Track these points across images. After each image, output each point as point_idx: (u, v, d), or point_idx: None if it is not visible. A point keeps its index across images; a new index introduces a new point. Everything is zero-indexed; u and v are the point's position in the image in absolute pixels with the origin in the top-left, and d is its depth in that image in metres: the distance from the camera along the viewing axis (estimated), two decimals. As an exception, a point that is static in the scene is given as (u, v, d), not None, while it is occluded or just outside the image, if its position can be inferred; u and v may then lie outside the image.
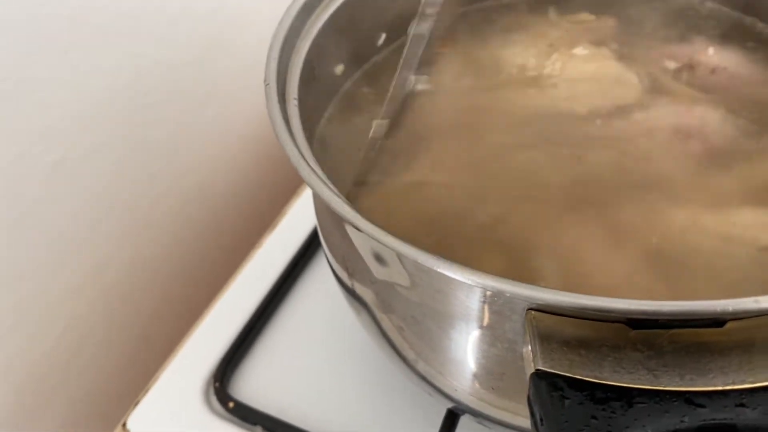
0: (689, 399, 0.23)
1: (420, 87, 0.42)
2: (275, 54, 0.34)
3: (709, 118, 0.39)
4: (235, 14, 0.57)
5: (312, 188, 0.28)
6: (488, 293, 0.27)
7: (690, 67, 0.42)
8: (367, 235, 0.27)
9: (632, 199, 0.35)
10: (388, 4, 0.43)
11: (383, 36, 0.44)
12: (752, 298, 0.23)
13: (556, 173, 0.37)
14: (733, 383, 0.23)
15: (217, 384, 0.44)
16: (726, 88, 0.41)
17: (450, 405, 0.36)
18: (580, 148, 0.38)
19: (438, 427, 0.38)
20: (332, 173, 0.38)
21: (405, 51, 0.42)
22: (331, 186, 0.29)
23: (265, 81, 0.33)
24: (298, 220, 0.50)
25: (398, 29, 0.44)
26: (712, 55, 0.42)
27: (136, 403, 0.44)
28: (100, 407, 0.54)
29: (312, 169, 0.29)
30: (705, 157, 0.37)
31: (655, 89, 0.41)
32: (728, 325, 0.25)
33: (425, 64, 0.43)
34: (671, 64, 0.42)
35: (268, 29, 0.37)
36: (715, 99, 0.40)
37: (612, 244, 0.34)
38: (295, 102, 0.34)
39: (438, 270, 0.25)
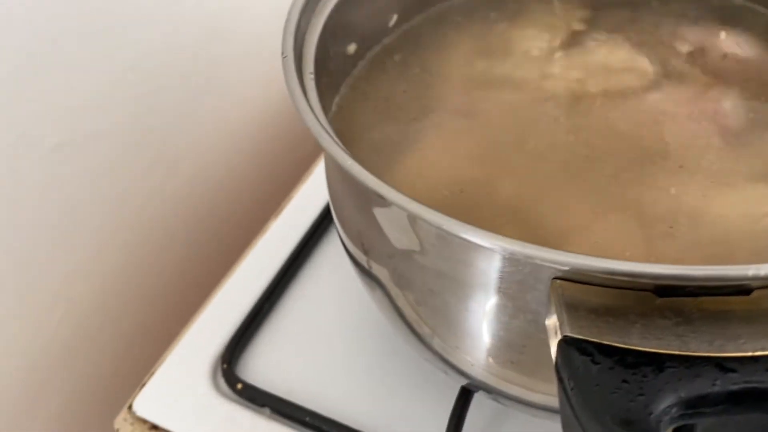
0: (720, 364, 0.23)
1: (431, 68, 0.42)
2: (292, 27, 0.34)
3: (722, 102, 0.39)
4: (235, 1, 0.57)
5: (335, 159, 0.28)
6: (512, 261, 0.27)
7: (701, 51, 0.42)
8: (392, 204, 0.26)
9: (649, 177, 0.35)
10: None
11: (395, 17, 0.44)
12: (781, 263, 0.23)
13: (571, 152, 0.37)
14: (764, 349, 0.23)
15: (225, 365, 0.43)
16: (737, 73, 0.41)
17: (464, 382, 0.36)
18: (594, 128, 0.38)
19: (451, 405, 0.38)
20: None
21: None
22: (353, 157, 0.29)
23: (282, 53, 0.33)
24: (306, 202, 0.50)
25: (410, 11, 0.44)
26: (724, 39, 0.42)
27: (142, 386, 0.44)
28: (106, 390, 0.53)
29: (334, 139, 0.29)
30: (719, 139, 0.37)
31: (668, 73, 0.41)
32: (755, 294, 0.25)
33: (438, 48, 0.43)
34: (683, 48, 0.42)
35: (266, 18, 0.36)
36: (728, 83, 0.40)
37: (630, 221, 0.34)
38: (312, 76, 0.34)
39: (464, 236, 0.25)
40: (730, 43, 0.42)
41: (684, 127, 0.38)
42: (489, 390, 0.34)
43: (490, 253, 0.27)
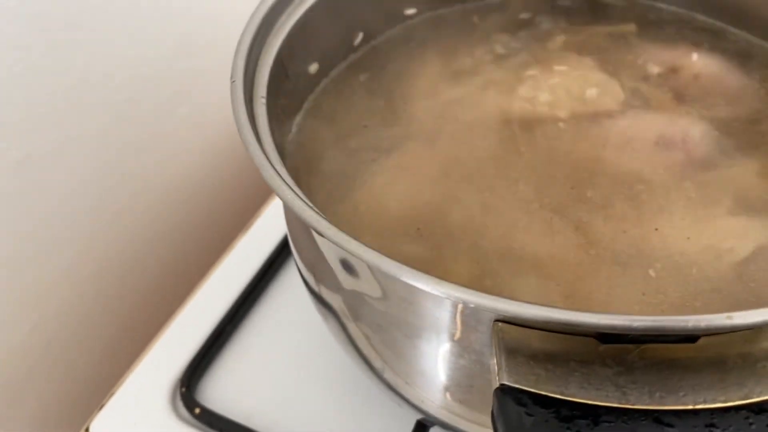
0: (658, 418, 0.22)
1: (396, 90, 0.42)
2: (244, 50, 0.33)
3: (690, 129, 0.38)
4: (209, 12, 0.56)
5: (274, 190, 0.27)
6: (454, 303, 0.26)
7: (673, 71, 0.41)
8: (329, 241, 0.26)
9: (610, 206, 0.35)
10: (366, 4, 0.42)
11: (360, 35, 0.43)
12: (725, 314, 0.22)
13: (534, 179, 0.36)
14: (704, 402, 0.22)
15: (183, 389, 0.42)
16: (708, 96, 0.40)
17: (419, 416, 0.35)
18: (560, 154, 0.37)
19: (407, 438, 0.37)
20: (306, 173, 0.38)
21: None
22: (296, 189, 0.28)
23: (231, 78, 0.32)
24: (271, 224, 0.49)
25: (376, 29, 0.43)
26: (696, 61, 0.41)
27: (101, 407, 0.43)
28: (67, 410, 0.53)
29: (276, 171, 0.28)
30: (685, 167, 0.36)
31: (639, 98, 0.40)
32: (701, 341, 0.24)
33: (403, 67, 0.42)
34: (655, 69, 0.41)
35: (242, 28, 0.36)
36: (698, 108, 0.39)
37: (588, 253, 0.33)
38: (263, 101, 0.33)
39: (403, 279, 0.24)
40: (702, 64, 0.41)
41: (652, 156, 0.37)
42: (443, 425, 0.34)
43: (432, 295, 0.26)
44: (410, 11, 0.44)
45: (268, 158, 0.29)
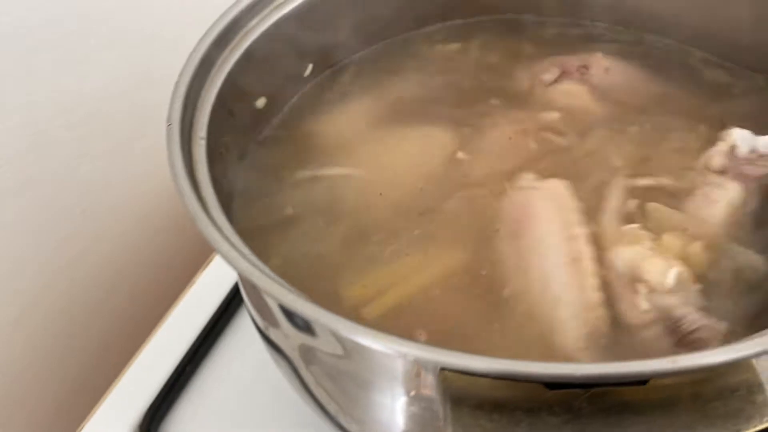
0: (606, 471, 0.21)
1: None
2: (181, 92, 0.32)
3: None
4: (167, 46, 0.54)
5: (207, 239, 0.26)
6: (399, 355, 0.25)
7: (586, 68, 0.42)
8: (268, 295, 0.25)
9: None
10: (313, 36, 0.41)
11: (310, 66, 0.42)
12: (669, 359, 0.21)
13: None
14: (654, 448, 0.22)
15: (144, 435, 0.41)
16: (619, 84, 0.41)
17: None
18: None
19: (368, 480, 0.36)
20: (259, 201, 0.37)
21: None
22: (233, 238, 0.27)
23: (167, 121, 0.31)
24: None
25: (325, 59, 0.43)
26: (602, 58, 0.42)
27: (59, 456, 0.42)
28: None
29: (211, 219, 0.27)
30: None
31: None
32: (651, 383, 0.23)
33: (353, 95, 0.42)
34: (567, 70, 0.42)
35: None
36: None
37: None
38: (203, 141, 0.32)
39: (342, 333, 0.24)
40: (609, 60, 0.42)
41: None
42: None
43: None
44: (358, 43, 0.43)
45: (204, 206, 0.28)
